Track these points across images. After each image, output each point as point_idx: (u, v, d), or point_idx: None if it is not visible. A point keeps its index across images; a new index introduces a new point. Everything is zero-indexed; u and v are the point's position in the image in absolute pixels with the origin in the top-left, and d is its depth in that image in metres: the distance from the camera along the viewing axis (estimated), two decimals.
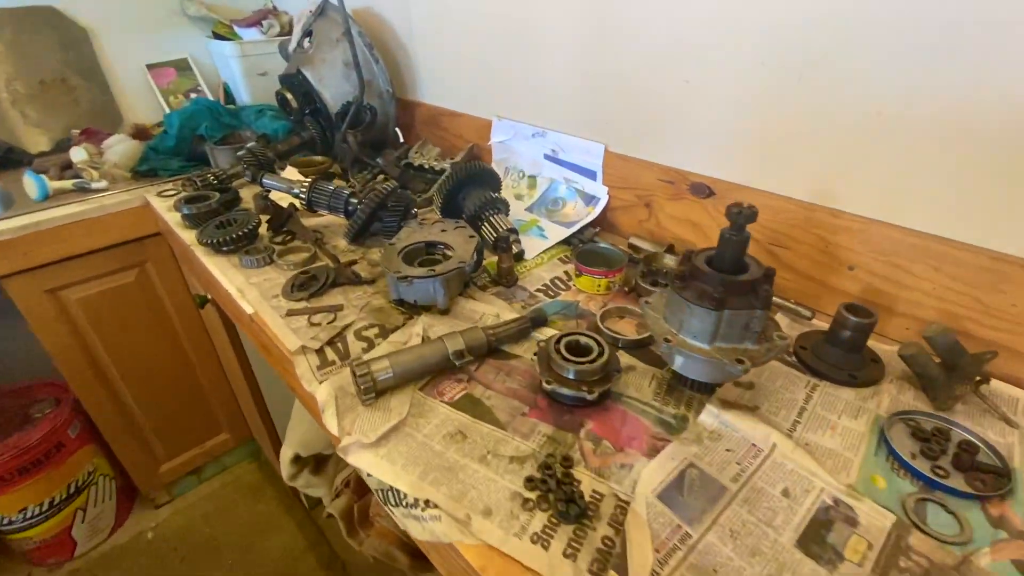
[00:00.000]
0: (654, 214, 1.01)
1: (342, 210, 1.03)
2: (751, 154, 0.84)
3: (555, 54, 1.05)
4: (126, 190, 1.34)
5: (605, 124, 1.03)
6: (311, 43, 1.36)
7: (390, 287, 0.85)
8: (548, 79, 1.09)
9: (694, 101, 0.87)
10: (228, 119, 1.58)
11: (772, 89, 0.78)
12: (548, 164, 1.17)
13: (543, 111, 1.13)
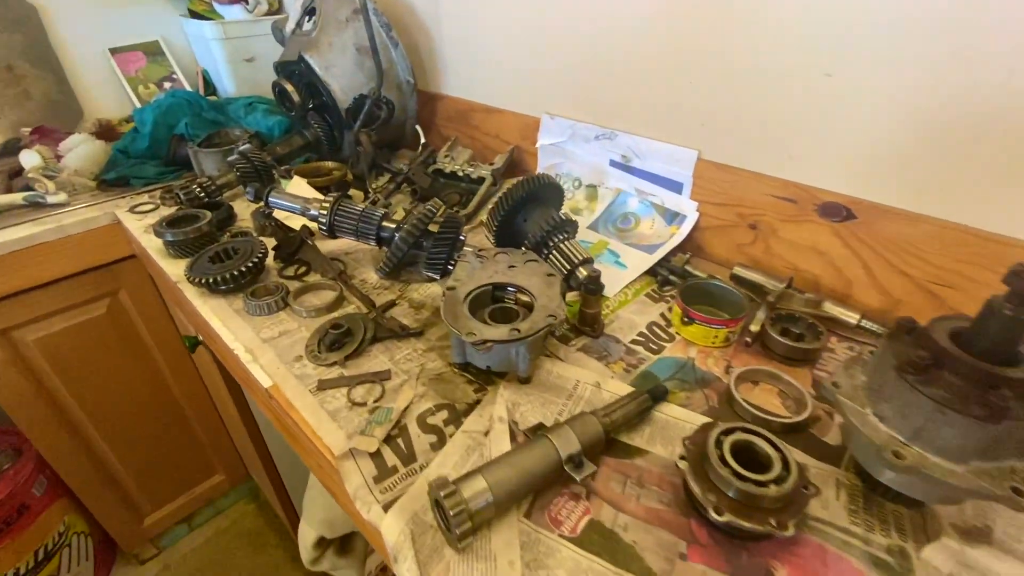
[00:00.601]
0: (763, 238, 0.82)
1: (373, 237, 0.81)
2: (914, 170, 0.65)
3: (634, 37, 0.85)
4: (90, 204, 1.09)
5: (698, 126, 0.83)
6: (314, 24, 1.12)
7: (453, 348, 0.65)
8: (621, 68, 0.88)
9: (836, 100, 0.68)
10: (212, 114, 1.34)
11: (961, 87, 0.59)
12: (615, 172, 0.97)
13: (612, 108, 0.93)
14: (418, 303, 0.79)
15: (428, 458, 0.54)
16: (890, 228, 0.69)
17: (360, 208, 0.81)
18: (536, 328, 0.60)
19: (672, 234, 0.88)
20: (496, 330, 0.60)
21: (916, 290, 0.69)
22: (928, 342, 0.43)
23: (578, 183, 1.03)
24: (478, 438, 0.56)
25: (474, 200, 1.01)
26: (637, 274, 0.83)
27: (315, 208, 0.81)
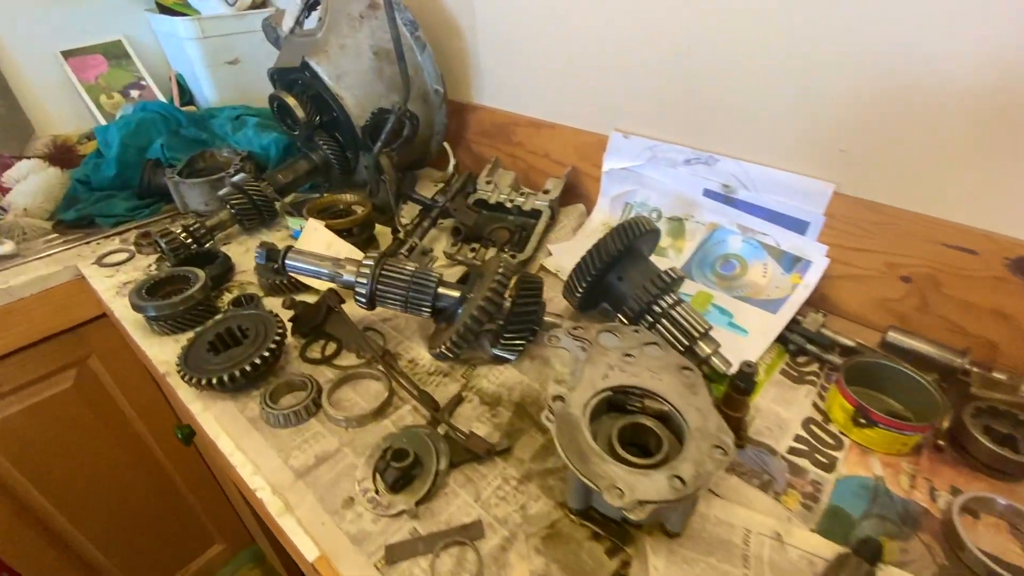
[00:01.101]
0: (918, 293, 0.65)
1: (428, 308, 0.62)
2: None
3: (746, 34, 0.66)
4: (45, 255, 0.87)
5: (836, 152, 0.65)
6: (320, 22, 0.91)
7: (571, 491, 0.47)
8: (726, 75, 0.70)
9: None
10: (192, 131, 1.11)
11: None
12: (710, 204, 0.78)
13: (711, 126, 0.74)
14: (491, 396, 0.60)
15: None
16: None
17: (409, 271, 0.61)
18: (704, 471, 0.42)
19: (794, 285, 0.71)
20: (649, 481, 0.41)
21: None
22: None
23: (656, 214, 0.85)
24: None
25: (531, 241, 0.82)
26: (766, 343, 0.66)
27: (350, 273, 0.61)
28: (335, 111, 0.92)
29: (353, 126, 0.92)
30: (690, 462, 0.42)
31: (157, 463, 1.14)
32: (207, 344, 0.61)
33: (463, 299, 0.61)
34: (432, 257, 0.81)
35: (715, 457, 0.43)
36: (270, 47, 1.36)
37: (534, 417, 0.57)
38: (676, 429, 0.47)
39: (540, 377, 0.62)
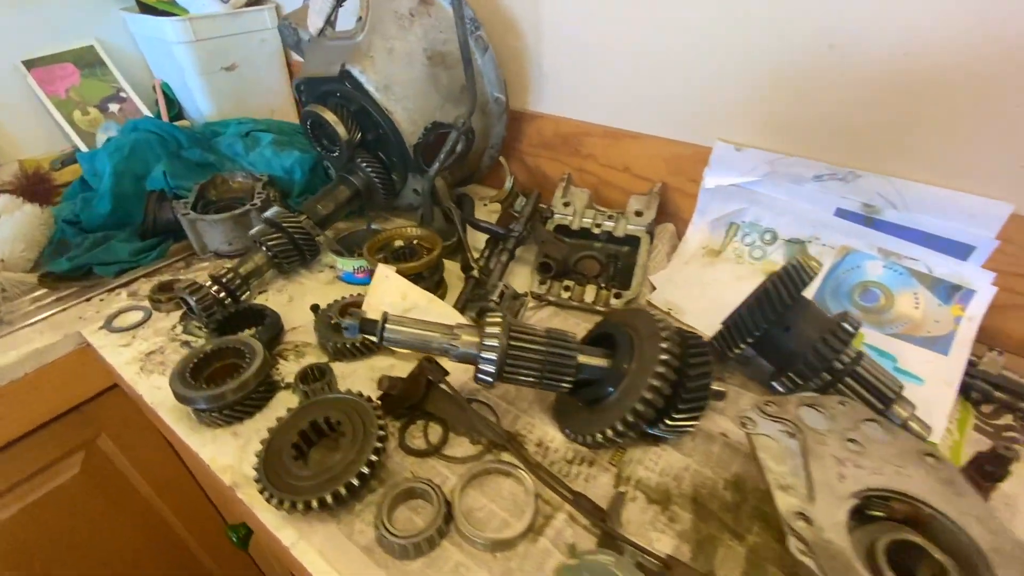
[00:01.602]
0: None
1: (569, 382, 0.50)
2: None
3: (908, 26, 0.56)
4: (37, 319, 0.71)
5: (1017, 168, 0.56)
6: (360, 22, 0.76)
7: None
8: (876, 74, 0.59)
9: None
10: (196, 153, 0.95)
11: None
12: (844, 225, 0.68)
13: (852, 137, 0.64)
14: (657, 491, 0.48)
15: None
16: None
17: (543, 337, 0.49)
18: None
19: (956, 317, 0.62)
20: None
21: None
22: None
23: (770, 237, 0.74)
24: None
25: (636, 275, 0.70)
26: (952, 394, 0.56)
27: (469, 344, 0.48)
28: (382, 127, 0.78)
29: (404, 144, 0.78)
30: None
31: (185, 549, 0.98)
32: (290, 449, 0.48)
33: (614, 370, 0.49)
34: (523, 302, 0.68)
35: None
36: (270, 51, 1.20)
37: (721, 518, 0.46)
38: (950, 546, 0.37)
39: (709, 460, 0.51)
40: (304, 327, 0.69)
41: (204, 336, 0.68)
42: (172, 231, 0.85)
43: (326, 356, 0.64)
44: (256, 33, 1.16)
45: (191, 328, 0.69)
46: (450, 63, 0.78)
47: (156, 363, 0.63)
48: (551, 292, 0.71)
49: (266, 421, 0.53)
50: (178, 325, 0.70)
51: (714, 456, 0.51)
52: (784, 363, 0.55)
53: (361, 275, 0.76)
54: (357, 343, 0.62)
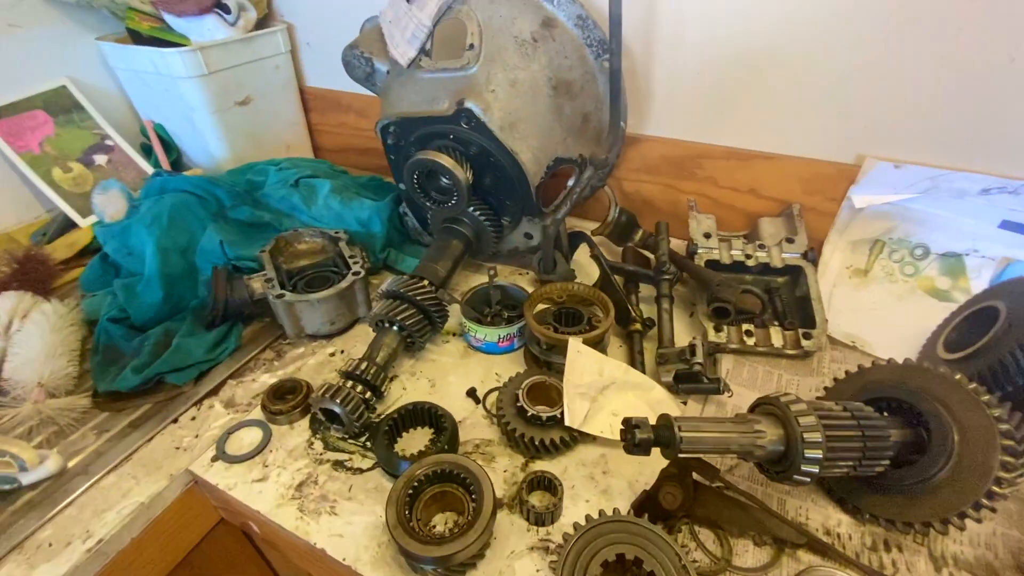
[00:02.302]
0: None
1: (887, 461, 0.43)
2: None
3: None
4: (118, 462, 0.55)
5: None
6: (473, 49, 0.65)
7: None
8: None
9: None
10: (247, 212, 0.80)
11: None
12: (1006, 236, 0.67)
13: (1018, 148, 0.63)
14: (978, 565, 0.44)
15: None
16: None
17: (847, 413, 0.43)
18: None
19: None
20: None
21: None
22: None
23: (923, 251, 0.72)
24: None
25: (816, 311, 0.65)
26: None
27: (777, 440, 0.41)
28: (504, 170, 0.67)
29: (528, 187, 0.68)
30: None
31: None
32: (600, 569, 0.38)
33: (929, 444, 0.44)
34: (716, 358, 0.61)
35: None
36: (284, 79, 1.06)
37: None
38: None
39: (1011, 520, 0.47)
40: (470, 419, 0.58)
41: (357, 448, 0.55)
42: (241, 313, 0.70)
43: (520, 454, 0.54)
44: (270, 59, 1.00)
45: (332, 442, 0.56)
46: (574, 92, 0.69)
47: (316, 499, 0.50)
48: (734, 339, 0.65)
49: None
50: (314, 440, 0.56)
51: (1015, 514, 0.47)
52: None
53: (505, 344, 0.66)
54: (554, 440, 0.52)
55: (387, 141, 0.73)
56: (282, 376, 0.64)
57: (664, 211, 0.86)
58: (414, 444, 0.56)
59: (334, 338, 0.70)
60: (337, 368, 0.65)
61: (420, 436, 0.57)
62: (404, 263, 0.81)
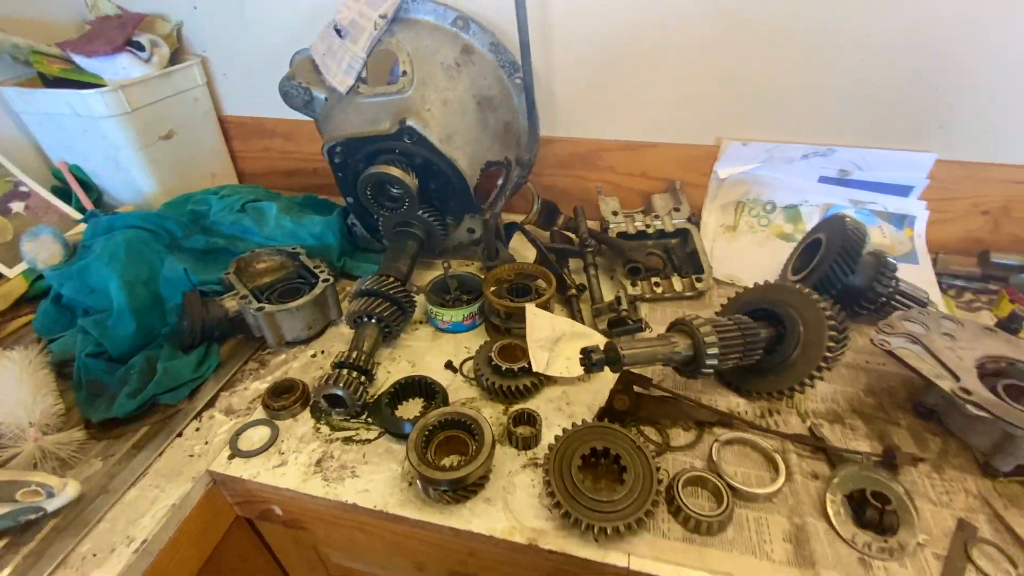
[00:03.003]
0: (996, 221, 0.87)
1: (760, 350, 0.61)
2: None
3: (854, 35, 0.78)
4: (137, 478, 0.59)
5: (936, 128, 0.83)
6: (406, 76, 0.75)
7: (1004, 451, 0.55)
8: (839, 74, 0.81)
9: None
10: (201, 241, 0.84)
11: None
12: (824, 188, 0.91)
13: (826, 122, 0.86)
14: (829, 413, 0.63)
15: None
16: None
17: (730, 321, 0.60)
18: None
19: (910, 237, 0.89)
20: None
21: None
22: None
23: (771, 206, 0.94)
24: None
25: (703, 260, 0.84)
26: (936, 290, 0.82)
27: (687, 347, 0.57)
28: (444, 176, 0.79)
29: (468, 189, 0.81)
30: None
31: None
32: (577, 474, 0.52)
33: (786, 337, 0.63)
34: (636, 306, 0.78)
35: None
36: (204, 110, 1.09)
37: (877, 416, 0.63)
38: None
39: (845, 381, 0.68)
40: (452, 385, 0.69)
41: (360, 425, 0.64)
42: (216, 333, 0.75)
43: (500, 403, 0.66)
44: (188, 92, 1.02)
45: (337, 424, 0.64)
46: (495, 106, 0.82)
47: (337, 468, 0.59)
48: (645, 291, 0.82)
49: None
50: (319, 425, 0.64)
51: (846, 378, 0.68)
52: (852, 298, 0.74)
53: (469, 321, 0.78)
54: (525, 384, 0.66)
55: (334, 161, 0.81)
56: (272, 380, 0.71)
57: (577, 197, 1.02)
58: (410, 412, 0.66)
59: (312, 342, 0.77)
60: (322, 367, 0.73)
61: (414, 405, 0.67)
62: (360, 269, 0.90)
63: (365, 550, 0.69)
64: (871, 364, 0.70)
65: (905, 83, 0.80)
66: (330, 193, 1.09)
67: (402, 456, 0.60)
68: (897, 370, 0.67)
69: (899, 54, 0.78)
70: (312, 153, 1.12)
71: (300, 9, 0.96)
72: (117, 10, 1.00)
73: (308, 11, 0.95)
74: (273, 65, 1.01)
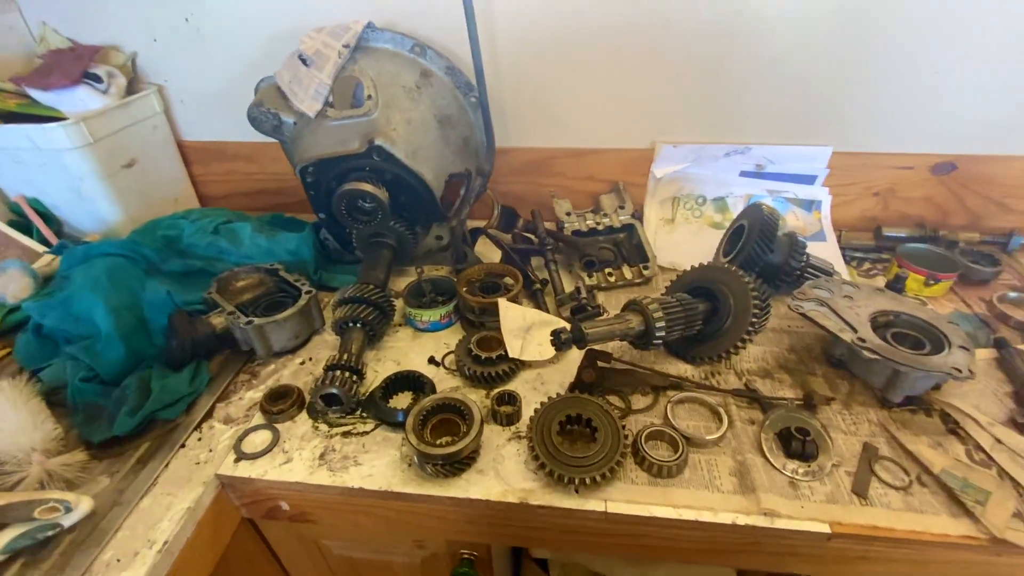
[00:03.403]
0: (885, 201, 1.04)
1: (700, 323, 0.72)
2: (997, 124, 0.94)
3: (763, 54, 0.92)
4: (148, 488, 0.62)
5: (826, 126, 0.98)
6: (371, 99, 0.82)
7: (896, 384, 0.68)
8: (752, 84, 0.95)
9: (941, 87, 0.91)
10: (178, 264, 0.87)
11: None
12: (744, 181, 1.04)
13: (743, 125, 0.99)
14: (760, 371, 0.75)
15: None
16: (984, 170, 0.98)
17: (674, 299, 0.71)
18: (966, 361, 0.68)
19: (818, 219, 1.03)
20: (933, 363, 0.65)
21: (997, 208, 1.01)
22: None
23: (702, 200, 1.07)
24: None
25: (648, 250, 0.95)
26: (842, 263, 0.96)
27: (640, 323, 0.67)
28: (413, 189, 0.86)
29: (435, 200, 0.88)
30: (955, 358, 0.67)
31: None
32: (557, 435, 0.60)
33: (720, 309, 0.74)
34: (594, 294, 0.88)
35: (964, 361, 0.69)
36: (163, 137, 1.12)
37: (799, 368, 0.75)
38: (916, 326, 0.72)
39: (770, 342, 0.80)
40: (436, 377, 0.76)
41: (356, 420, 0.70)
42: (205, 349, 0.79)
43: (482, 388, 0.74)
44: (147, 121, 1.05)
45: (334, 421, 0.70)
46: (454, 123, 0.90)
47: (340, 459, 0.65)
48: (602, 281, 0.92)
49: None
50: (317, 424, 0.70)
51: (772, 340, 0.81)
52: (773, 274, 0.87)
53: (445, 320, 0.85)
54: (504, 370, 0.74)
55: (307, 180, 0.86)
56: (266, 388, 0.75)
57: (533, 201, 1.11)
58: (401, 404, 0.73)
59: (298, 350, 0.82)
60: (312, 372, 0.78)
61: (404, 398, 0.74)
62: (336, 280, 0.95)
63: (368, 534, 0.74)
64: (792, 327, 0.83)
65: (801, 90, 0.94)
66: (296, 211, 1.14)
67: (399, 443, 0.67)
68: (811, 330, 0.80)
69: (795, 65, 0.92)
70: (276, 173, 1.16)
71: (256, 40, 1.00)
72: (67, 43, 1.01)
73: (264, 42, 1.00)
74: (232, 92, 1.06)
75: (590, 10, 0.90)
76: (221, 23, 1.00)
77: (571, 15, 0.91)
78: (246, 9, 0.98)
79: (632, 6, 0.89)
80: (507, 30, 0.93)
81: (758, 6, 0.87)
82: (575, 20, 0.92)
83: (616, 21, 0.91)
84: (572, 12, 0.91)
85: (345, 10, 0.93)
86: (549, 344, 0.74)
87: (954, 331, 0.70)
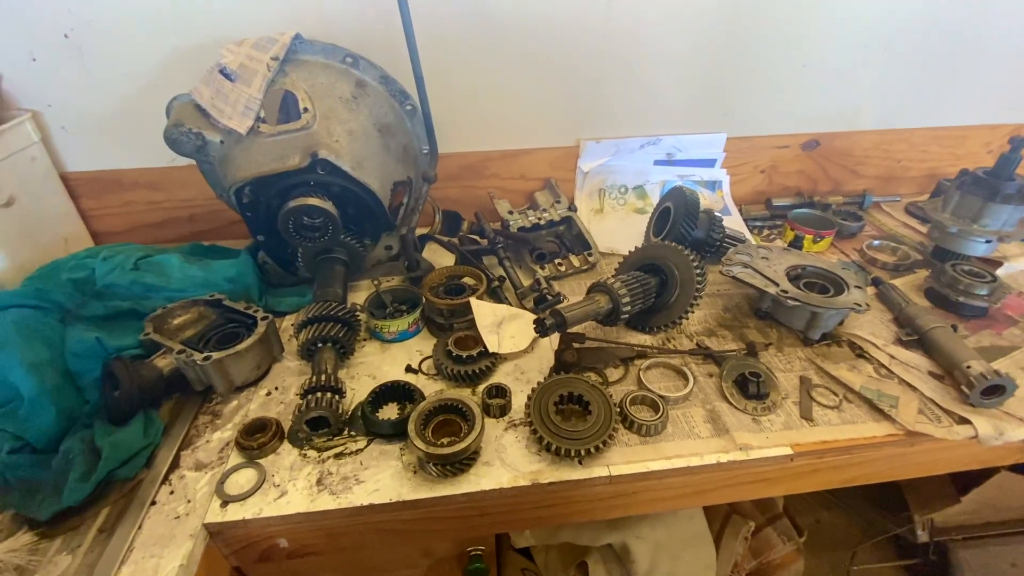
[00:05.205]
0: (769, 176, 1.21)
1: (654, 296, 0.80)
2: (849, 105, 1.15)
3: (666, 56, 1.04)
4: (122, 559, 0.55)
5: (722, 115, 1.12)
6: (308, 112, 0.79)
7: (803, 320, 0.81)
8: (659, 83, 1.06)
9: (809, 79, 1.10)
10: (101, 307, 0.78)
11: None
12: (658, 169, 1.16)
13: (653, 119, 1.11)
14: (706, 331, 0.85)
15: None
16: (840, 144, 1.19)
17: (634, 277, 0.78)
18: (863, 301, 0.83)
19: (721, 197, 1.18)
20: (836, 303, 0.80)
21: (851, 175, 1.23)
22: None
23: (624, 189, 1.17)
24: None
25: (589, 239, 1.02)
26: (748, 232, 1.11)
27: (607, 303, 0.73)
28: (362, 200, 0.85)
29: (384, 210, 0.88)
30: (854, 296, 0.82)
31: None
32: (555, 413, 0.64)
33: (669, 283, 0.82)
34: (551, 283, 0.92)
35: (862, 297, 0.84)
36: (43, 169, 0.99)
37: (735, 324, 0.87)
38: (824, 276, 0.87)
39: (709, 305, 0.91)
40: (418, 383, 0.76)
41: (346, 440, 0.68)
42: (152, 396, 0.71)
43: (466, 386, 0.75)
44: (23, 152, 0.91)
45: (322, 445, 0.67)
46: (393, 131, 0.90)
47: (340, 481, 0.63)
48: (555, 270, 0.97)
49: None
50: (306, 450, 0.66)
51: (709, 304, 0.91)
52: (699, 247, 0.98)
53: (413, 328, 0.84)
54: (485, 365, 0.76)
55: (243, 201, 0.81)
56: (234, 426, 0.70)
57: (470, 204, 1.14)
58: (389, 416, 0.71)
59: (260, 381, 0.77)
60: (282, 401, 0.74)
61: (390, 410, 0.73)
62: (283, 304, 0.90)
63: (374, 552, 0.72)
64: (722, 291, 0.95)
65: (699, 85, 1.08)
66: (214, 237, 1.06)
67: (397, 453, 0.66)
68: (739, 290, 0.93)
69: (691, 65, 1.05)
70: (187, 200, 1.06)
71: (151, 58, 0.92)
72: None
73: (160, 60, 0.92)
74: (126, 115, 0.96)
75: (495, 16, 0.95)
76: (108, 39, 0.90)
77: (476, 17, 0.95)
78: (136, 24, 0.89)
79: (549, 8, 0.96)
80: (427, 38, 0.95)
81: (655, 16, 0.99)
82: (488, 26, 0.96)
83: (528, 26, 0.97)
84: (473, 14, 0.95)
85: (253, 23, 0.89)
86: (523, 336, 0.78)
87: (848, 275, 0.85)
